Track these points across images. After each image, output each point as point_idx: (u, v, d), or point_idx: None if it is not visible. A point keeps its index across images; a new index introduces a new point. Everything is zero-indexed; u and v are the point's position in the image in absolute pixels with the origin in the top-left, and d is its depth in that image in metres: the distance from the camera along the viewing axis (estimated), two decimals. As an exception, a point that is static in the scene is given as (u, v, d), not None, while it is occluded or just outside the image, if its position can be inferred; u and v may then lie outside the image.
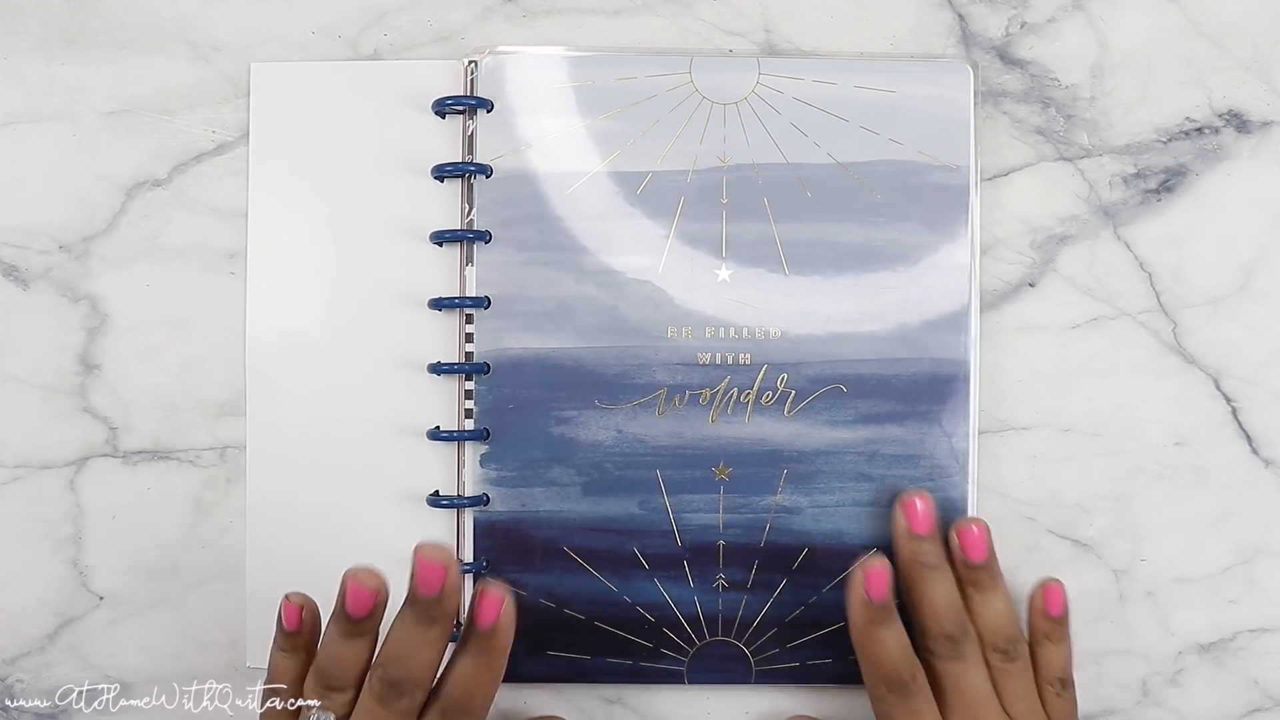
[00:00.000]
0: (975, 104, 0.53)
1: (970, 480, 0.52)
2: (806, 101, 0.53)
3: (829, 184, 0.53)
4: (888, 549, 0.52)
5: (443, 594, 0.44)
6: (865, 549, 0.52)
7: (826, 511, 0.53)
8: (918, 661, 0.48)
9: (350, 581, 0.46)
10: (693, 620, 0.53)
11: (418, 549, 0.45)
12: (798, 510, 0.53)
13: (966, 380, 0.52)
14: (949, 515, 0.52)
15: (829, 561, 0.53)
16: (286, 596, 0.49)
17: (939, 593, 0.49)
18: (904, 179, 0.53)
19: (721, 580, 0.53)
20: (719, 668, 0.53)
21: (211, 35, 0.54)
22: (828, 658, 0.53)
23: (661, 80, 0.53)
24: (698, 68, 0.53)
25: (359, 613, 0.45)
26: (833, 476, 0.53)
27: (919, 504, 0.50)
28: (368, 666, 0.46)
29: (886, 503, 0.52)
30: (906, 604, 0.50)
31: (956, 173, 0.53)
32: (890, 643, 0.48)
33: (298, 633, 0.49)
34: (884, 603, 0.47)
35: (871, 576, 0.47)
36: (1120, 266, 0.54)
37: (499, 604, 0.45)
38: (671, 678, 0.53)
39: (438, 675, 0.46)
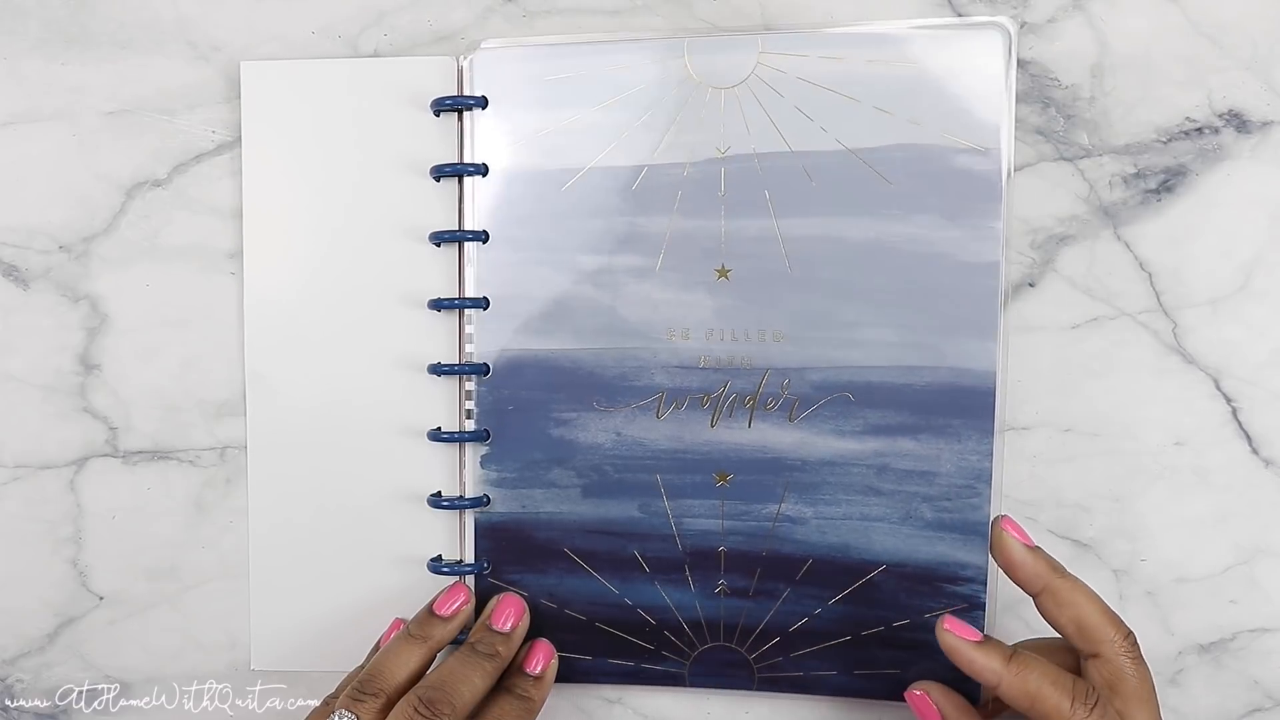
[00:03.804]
0: (1010, 72, 0.49)
1: (994, 498, 0.50)
2: (812, 81, 0.50)
3: (837, 173, 0.50)
4: (896, 568, 0.51)
5: (512, 632, 0.50)
6: (873, 565, 0.51)
7: (832, 524, 0.51)
8: None
9: (450, 587, 0.52)
10: (694, 624, 0.53)
11: (503, 594, 0.52)
12: (801, 520, 0.51)
13: (991, 392, 0.50)
14: (970, 540, 0.51)
15: (834, 575, 0.51)
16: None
17: (1093, 595, 0.47)
18: (924, 165, 0.49)
19: (723, 586, 0.52)
20: (720, 672, 0.53)
21: (211, 35, 0.54)
22: (833, 670, 0.52)
23: (655, 67, 0.51)
24: (693, 50, 0.51)
25: (442, 610, 0.51)
26: (839, 488, 0.51)
27: (1012, 520, 0.48)
28: (409, 683, 0.48)
29: (897, 520, 0.51)
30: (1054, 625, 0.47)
31: (986, 156, 0.49)
32: (1047, 665, 0.46)
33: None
34: (987, 639, 0.47)
35: (956, 625, 0.47)
36: (1120, 266, 0.54)
37: (550, 655, 0.51)
38: (672, 679, 0.53)
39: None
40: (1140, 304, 0.54)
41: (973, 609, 0.51)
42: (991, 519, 0.50)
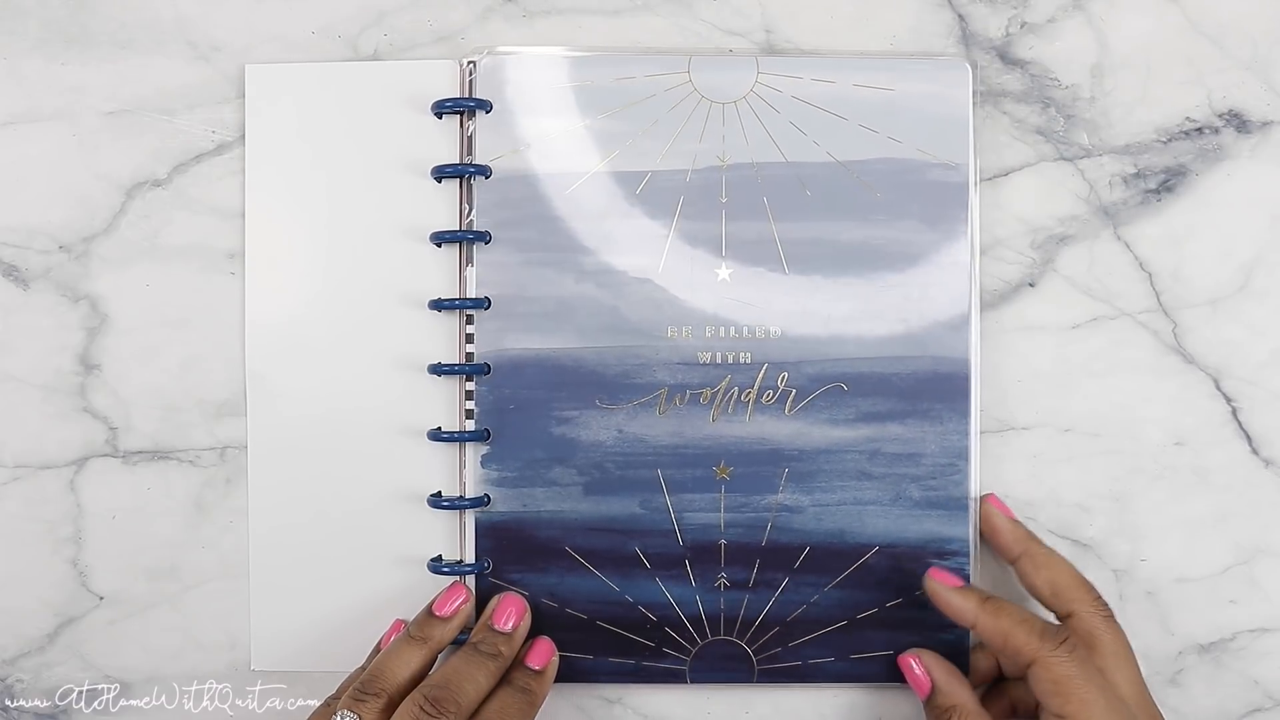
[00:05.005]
0: (974, 101, 0.53)
1: (972, 477, 0.53)
2: (805, 100, 0.53)
3: (828, 182, 0.53)
4: (889, 549, 0.52)
5: (514, 632, 0.50)
6: (867, 548, 0.53)
7: (828, 510, 0.53)
8: None
9: (449, 588, 0.52)
10: (695, 620, 0.53)
11: (503, 594, 0.52)
12: (799, 509, 0.53)
13: (967, 378, 0.52)
14: (954, 514, 0.53)
15: (831, 560, 0.53)
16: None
17: (1067, 561, 0.51)
18: (903, 177, 0.53)
19: (723, 579, 0.53)
20: (721, 667, 0.53)
21: (211, 35, 0.54)
22: (830, 656, 0.53)
23: (660, 80, 0.53)
24: (696, 67, 0.53)
25: (441, 611, 0.51)
26: (834, 475, 0.53)
27: (997, 498, 0.53)
28: (411, 684, 0.48)
29: (889, 501, 0.52)
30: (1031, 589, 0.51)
31: (956, 170, 0.52)
32: (1020, 609, 0.49)
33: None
34: (967, 586, 0.51)
35: (940, 573, 0.50)
36: (1120, 266, 0.54)
37: (551, 651, 0.51)
38: (674, 677, 0.53)
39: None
40: (1140, 304, 0.54)
41: None
42: (979, 497, 0.53)
